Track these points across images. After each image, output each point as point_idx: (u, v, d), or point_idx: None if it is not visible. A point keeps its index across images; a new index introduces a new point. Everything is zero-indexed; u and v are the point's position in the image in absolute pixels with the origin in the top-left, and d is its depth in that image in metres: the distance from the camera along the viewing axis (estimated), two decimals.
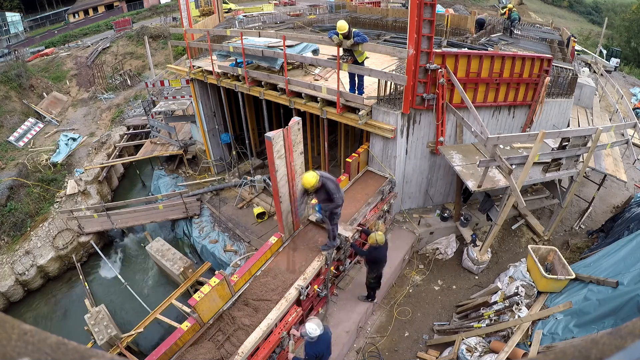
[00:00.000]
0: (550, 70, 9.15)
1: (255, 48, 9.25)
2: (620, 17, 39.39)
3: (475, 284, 8.71)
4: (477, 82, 8.40)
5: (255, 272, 6.39)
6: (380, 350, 7.35)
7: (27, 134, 17.92)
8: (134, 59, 25.58)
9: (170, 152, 14.83)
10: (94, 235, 12.35)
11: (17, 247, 12.14)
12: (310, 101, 8.86)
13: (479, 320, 7.09)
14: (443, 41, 11.93)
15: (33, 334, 0.54)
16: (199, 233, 11.39)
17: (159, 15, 35.33)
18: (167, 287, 10.97)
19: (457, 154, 8.44)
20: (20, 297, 11.41)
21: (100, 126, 19.10)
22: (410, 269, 9.14)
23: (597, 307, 5.78)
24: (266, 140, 5.77)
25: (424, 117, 8.36)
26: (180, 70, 12.86)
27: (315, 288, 6.50)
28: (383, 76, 7.74)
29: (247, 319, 5.61)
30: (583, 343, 0.54)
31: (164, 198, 12.73)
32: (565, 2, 55.96)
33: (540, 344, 6.01)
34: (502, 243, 9.68)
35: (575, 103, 12.58)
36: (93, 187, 14.71)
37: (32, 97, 20.29)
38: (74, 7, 41.62)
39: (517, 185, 6.97)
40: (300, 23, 16.38)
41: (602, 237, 9.28)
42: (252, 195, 12.13)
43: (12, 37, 33.96)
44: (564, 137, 7.56)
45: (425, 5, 6.86)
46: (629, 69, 28.68)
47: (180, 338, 5.27)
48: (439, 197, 10.01)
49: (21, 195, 13.87)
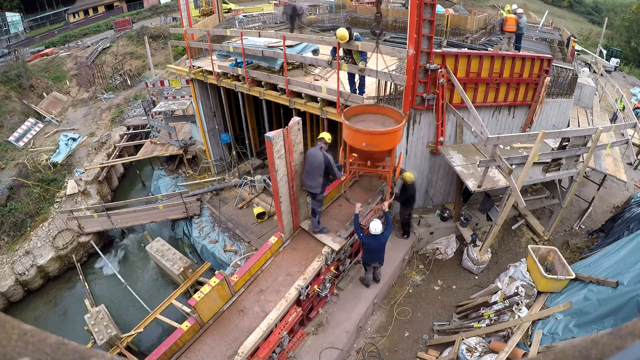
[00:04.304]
0: (550, 70, 9.15)
1: (255, 48, 9.25)
2: (620, 17, 39.35)
3: (475, 284, 8.70)
4: (477, 82, 8.40)
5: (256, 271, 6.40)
6: (380, 351, 7.35)
7: (27, 134, 17.91)
8: (134, 59, 25.58)
9: (170, 152, 14.82)
10: (94, 235, 12.35)
11: (17, 247, 12.14)
12: (310, 101, 8.86)
13: (479, 320, 7.09)
14: (443, 41, 11.93)
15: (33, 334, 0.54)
16: (199, 233, 11.38)
17: (159, 15, 35.30)
18: (167, 287, 10.97)
19: (457, 154, 8.43)
20: (20, 297, 11.41)
21: (100, 126, 19.10)
22: (410, 269, 9.14)
23: (597, 307, 5.77)
24: (266, 140, 5.77)
25: (424, 117, 8.36)
26: (180, 70, 12.86)
27: (315, 288, 6.50)
28: (383, 76, 7.74)
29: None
30: (583, 343, 0.54)
31: (164, 198, 12.73)
32: (565, 2, 55.91)
33: (540, 344, 6.01)
34: (502, 243, 9.68)
35: (575, 103, 12.58)
36: (93, 187, 14.71)
37: (32, 97, 20.28)
38: (74, 7, 41.62)
39: (517, 185, 6.97)
40: (300, 23, 16.37)
41: (602, 237, 9.28)
42: (252, 195, 12.13)
43: (12, 37, 33.99)
44: (564, 137, 7.56)
45: (425, 5, 6.86)
46: (629, 69, 28.67)
47: (180, 338, 5.27)
48: (439, 197, 10.01)
49: (21, 195, 13.87)
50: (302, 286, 6.09)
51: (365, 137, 6.41)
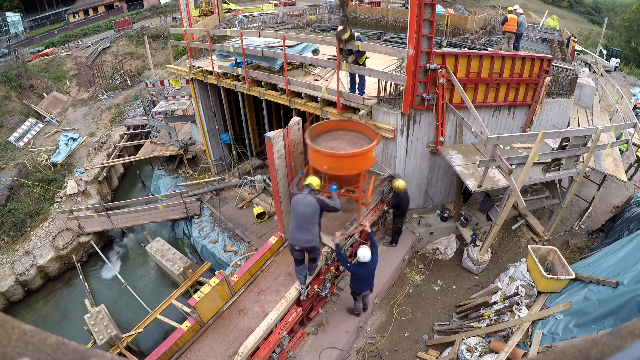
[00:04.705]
0: (550, 70, 9.15)
1: (255, 48, 9.25)
2: (620, 17, 39.35)
3: (475, 284, 8.70)
4: (477, 82, 8.40)
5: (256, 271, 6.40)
6: (380, 350, 7.34)
7: (27, 134, 17.91)
8: (134, 59, 25.57)
9: (170, 152, 14.82)
10: (94, 235, 12.35)
11: (17, 247, 12.14)
12: (310, 101, 8.86)
13: (479, 320, 7.09)
14: (443, 41, 11.93)
15: (33, 334, 0.54)
16: (199, 233, 11.38)
17: (159, 15, 35.30)
18: (167, 287, 10.97)
19: (457, 154, 8.43)
20: (20, 297, 11.41)
21: (100, 126, 19.10)
22: (410, 269, 9.14)
23: (597, 307, 5.77)
24: (266, 140, 5.78)
25: (424, 117, 8.36)
26: (180, 70, 12.86)
27: (315, 288, 6.50)
28: (383, 76, 7.74)
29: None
30: (583, 343, 0.54)
31: (164, 198, 12.73)
32: (565, 2, 55.91)
33: (540, 344, 6.01)
34: (502, 243, 9.68)
35: (575, 103, 12.57)
36: (93, 187, 14.71)
37: (32, 97, 20.28)
38: (74, 7, 41.63)
39: (517, 185, 6.97)
40: (300, 23, 16.39)
41: (602, 237, 9.28)
42: (252, 195, 12.13)
43: (12, 37, 34.00)
44: (564, 137, 7.56)
45: (425, 5, 6.86)
46: (629, 69, 28.66)
47: (180, 338, 5.27)
48: (439, 197, 10.00)
49: (21, 195, 13.87)
50: (302, 286, 6.09)
51: (327, 159, 5.51)
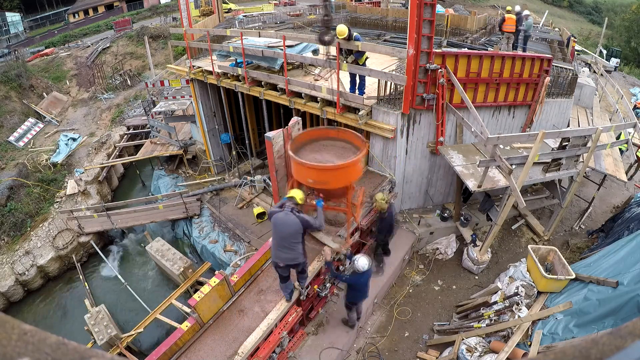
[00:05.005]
0: (550, 70, 9.15)
1: (255, 48, 9.25)
2: (620, 17, 39.37)
3: (475, 284, 8.71)
4: (477, 82, 8.40)
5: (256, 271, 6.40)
6: (380, 350, 7.35)
7: (27, 134, 17.91)
8: (134, 59, 25.57)
9: (170, 152, 14.82)
10: (94, 235, 12.34)
11: (17, 247, 12.14)
12: (310, 101, 8.87)
13: (479, 320, 7.09)
14: (443, 41, 11.93)
15: (33, 334, 0.54)
16: (199, 233, 11.38)
17: (159, 15, 35.31)
18: (167, 287, 10.97)
19: (457, 154, 8.43)
20: (20, 297, 11.40)
21: (100, 126, 19.10)
22: (410, 269, 9.14)
23: (597, 307, 5.78)
24: (266, 140, 5.78)
25: (424, 117, 8.36)
26: (180, 70, 12.86)
27: (315, 288, 6.50)
28: (383, 76, 7.74)
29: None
30: (583, 343, 0.54)
31: (164, 198, 12.73)
32: (565, 2, 55.95)
33: (540, 344, 6.01)
34: (502, 243, 9.68)
35: (575, 103, 12.58)
36: (93, 187, 14.70)
37: (32, 97, 20.28)
38: (74, 7, 41.64)
39: (517, 185, 6.97)
40: (300, 23, 16.39)
41: (602, 237, 9.28)
42: (252, 195, 12.13)
43: (12, 37, 34.00)
44: (564, 137, 7.56)
45: (425, 5, 6.86)
46: (629, 69, 28.67)
47: (180, 338, 5.27)
48: (439, 197, 10.01)
49: (21, 195, 13.87)
50: (302, 286, 6.08)
51: (312, 172, 5.13)
